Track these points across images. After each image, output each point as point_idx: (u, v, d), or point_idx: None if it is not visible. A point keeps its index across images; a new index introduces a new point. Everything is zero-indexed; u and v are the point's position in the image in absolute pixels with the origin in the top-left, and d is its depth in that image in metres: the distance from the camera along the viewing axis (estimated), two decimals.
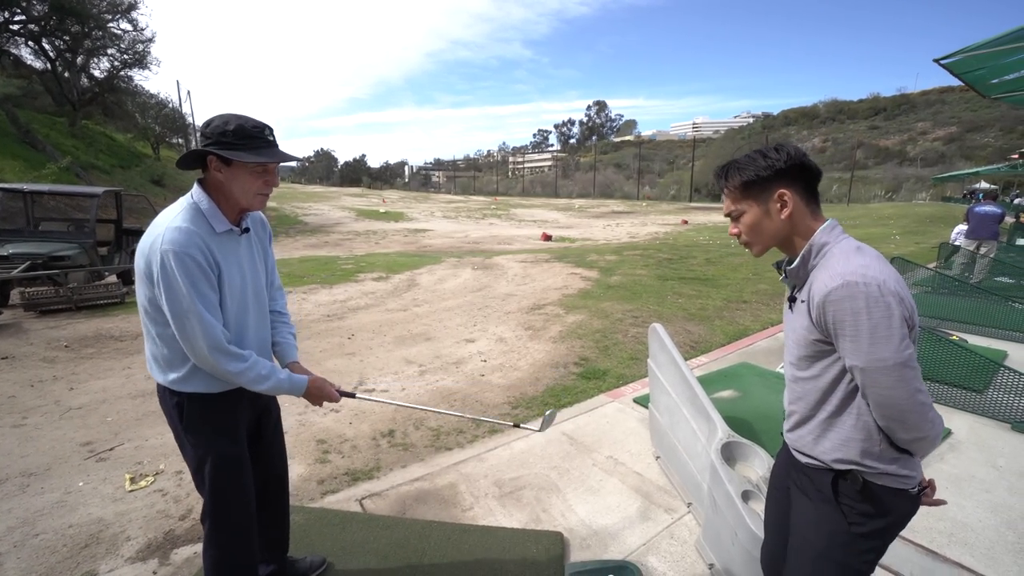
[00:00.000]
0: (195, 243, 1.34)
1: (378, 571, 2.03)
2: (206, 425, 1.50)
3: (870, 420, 1.11)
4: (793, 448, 1.28)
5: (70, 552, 2.18)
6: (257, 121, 1.42)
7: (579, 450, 3.00)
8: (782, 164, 1.16)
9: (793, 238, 1.20)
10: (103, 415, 3.49)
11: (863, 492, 1.13)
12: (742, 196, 1.22)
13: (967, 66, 9.02)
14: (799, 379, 1.22)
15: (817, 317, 1.09)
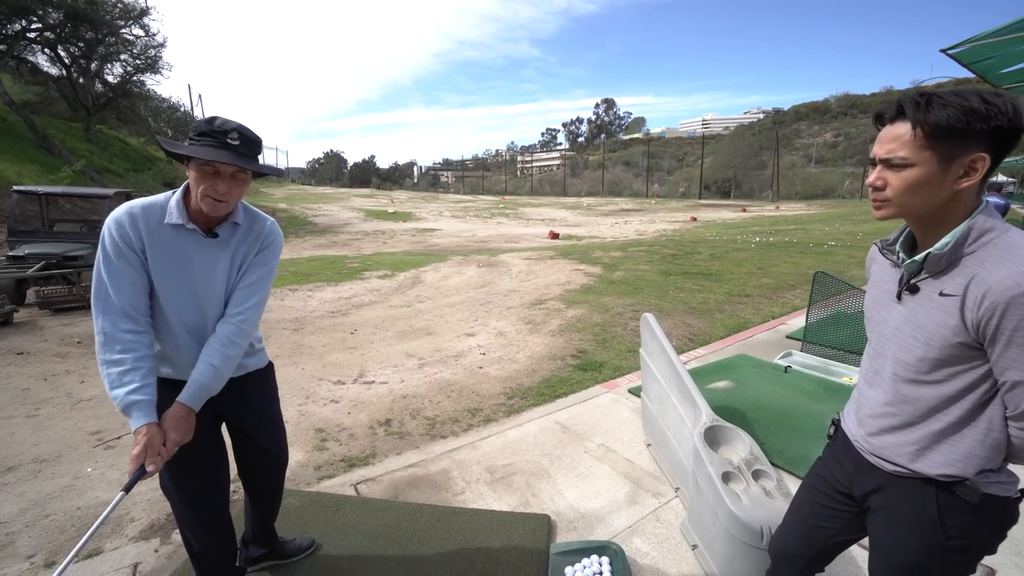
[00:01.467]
0: (127, 220, 1.37)
1: (368, 551, 2.09)
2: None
3: (1001, 436, 0.98)
4: (875, 455, 1.13)
5: (77, 531, 2.28)
6: (230, 122, 1.39)
7: (571, 438, 3.05)
8: (1003, 121, 0.89)
9: (946, 215, 0.98)
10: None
11: (981, 507, 1.00)
12: (925, 143, 0.94)
13: (975, 56, 8.88)
14: (910, 382, 1.05)
15: (981, 316, 0.91)
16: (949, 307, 0.96)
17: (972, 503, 1.01)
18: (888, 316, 1.10)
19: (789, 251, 11.18)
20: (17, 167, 15.85)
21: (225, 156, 1.34)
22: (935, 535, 1.04)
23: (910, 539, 1.08)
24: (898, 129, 0.98)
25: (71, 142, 22.28)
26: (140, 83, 27.24)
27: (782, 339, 4.99)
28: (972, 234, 0.95)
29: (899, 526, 1.10)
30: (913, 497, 1.07)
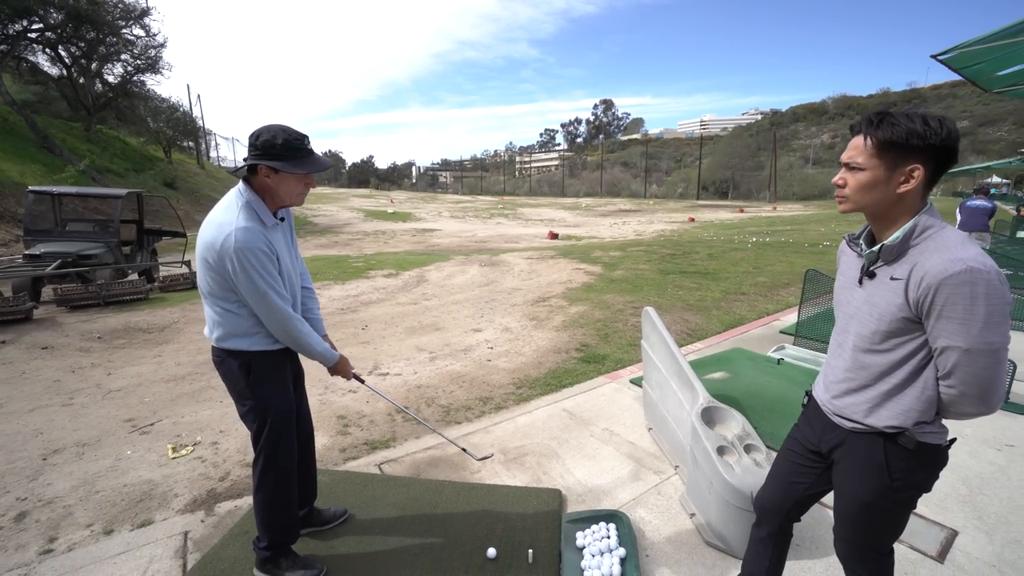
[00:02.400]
0: (260, 238, 1.63)
1: (396, 521, 2.30)
2: (267, 378, 1.79)
3: (933, 394, 1.19)
4: (836, 414, 1.34)
5: (128, 505, 2.48)
6: (299, 133, 1.67)
7: (578, 423, 3.26)
8: (936, 141, 1.11)
9: (894, 212, 1.19)
10: (140, 396, 3.81)
11: (916, 452, 1.22)
12: (876, 153, 1.16)
13: (966, 61, 9.14)
14: (866, 351, 1.25)
15: (919, 295, 1.11)
16: (897, 289, 1.17)
17: (910, 449, 1.23)
18: (852, 298, 1.32)
19: (785, 251, 11.43)
20: (20, 167, 15.99)
21: (322, 165, 1.75)
22: (883, 478, 1.26)
23: (864, 483, 1.30)
24: (859, 140, 1.20)
25: (71, 142, 22.37)
26: (140, 83, 27.32)
27: (776, 334, 5.21)
28: (916, 230, 1.17)
29: (855, 473, 1.32)
30: (866, 448, 1.29)
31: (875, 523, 1.33)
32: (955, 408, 1.19)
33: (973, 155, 46.75)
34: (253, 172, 1.68)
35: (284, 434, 1.85)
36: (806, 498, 1.53)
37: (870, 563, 1.39)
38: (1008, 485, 2.53)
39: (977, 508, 2.36)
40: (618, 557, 2.01)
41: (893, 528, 1.35)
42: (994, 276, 1.07)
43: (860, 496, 1.31)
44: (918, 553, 2.09)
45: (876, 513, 1.32)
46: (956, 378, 1.14)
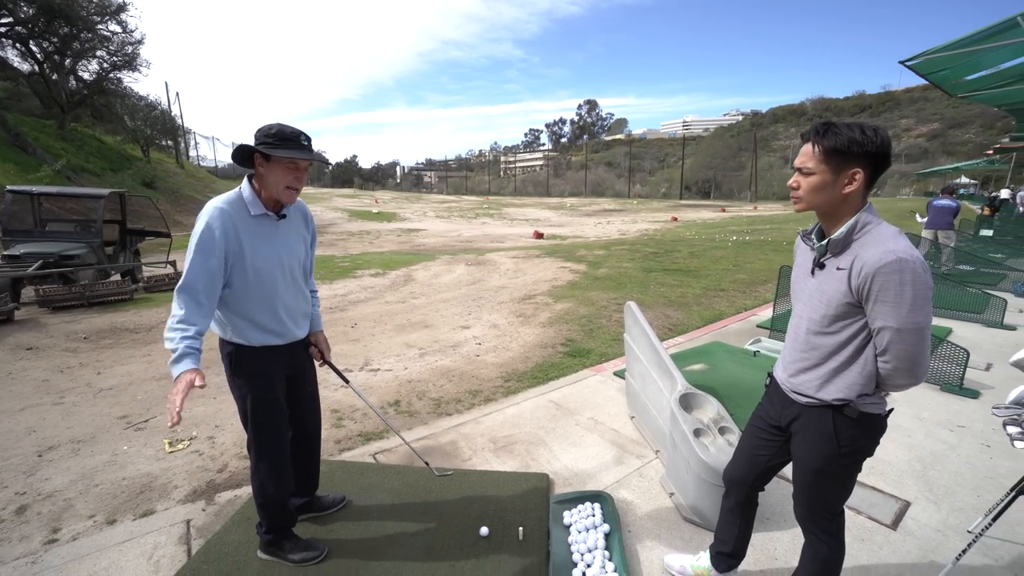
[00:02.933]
0: (220, 218, 1.68)
1: (392, 505, 2.41)
2: (246, 371, 1.85)
3: (873, 369, 1.35)
4: (792, 391, 1.51)
5: (128, 496, 2.55)
6: (296, 129, 1.75)
7: (564, 413, 3.41)
8: (872, 148, 1.27)
9: (840, 211, 1.35)
10: (132, 394, 3.84)
11: (857, 421, 1.38)
12: (823, 158, 1.32)
13: (932, 67, 9.55)
14: (817, 333, 1.41)
15: (859, 283, 1.27)
16: (842, 277, 1.34)
17: (854, 419, 1.39)
18: (805, 287, 1.48)
19: (764, 249, 11.76)
20: None
21: (309, 155, 1.76)
22: (832, 445, 1.43)
23: (816, 451, 1.46)
24: (809, 147, 1.37)
25: (45, 140, 21.80)
26: (117, 80, 26.73)
27: (753, 328, 5.43)
28: (857, 225, 1.34)
29: (809, 442, 1.49)
30: (818, 420, 1.45)
31: (826, 486, 1.50)
32: (891, 381, 1.35)
33: (943, 156, 48.31)
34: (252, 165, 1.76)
35: (265, 424, 1.90)
36: (768, 469, 1.69)
37: (824, 523, 1.55)
38: (957, 461, 2.75)
39: (929, 482, 2.56)
40: (602, 533, 2.16)
41: (842, 490, 1.51)
42: (919, 265, 1.23)
43: (813, 462, 1.48)
44: (875, 522, 2.27)
45: (827, 478, 1.48)
46: (890, 354, 1.31)
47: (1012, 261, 9.20)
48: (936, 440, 2.99)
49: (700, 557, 1.96)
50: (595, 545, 2.08)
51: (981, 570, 1.99)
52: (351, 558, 2.06)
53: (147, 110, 31.42)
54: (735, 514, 1.80)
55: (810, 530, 1.59)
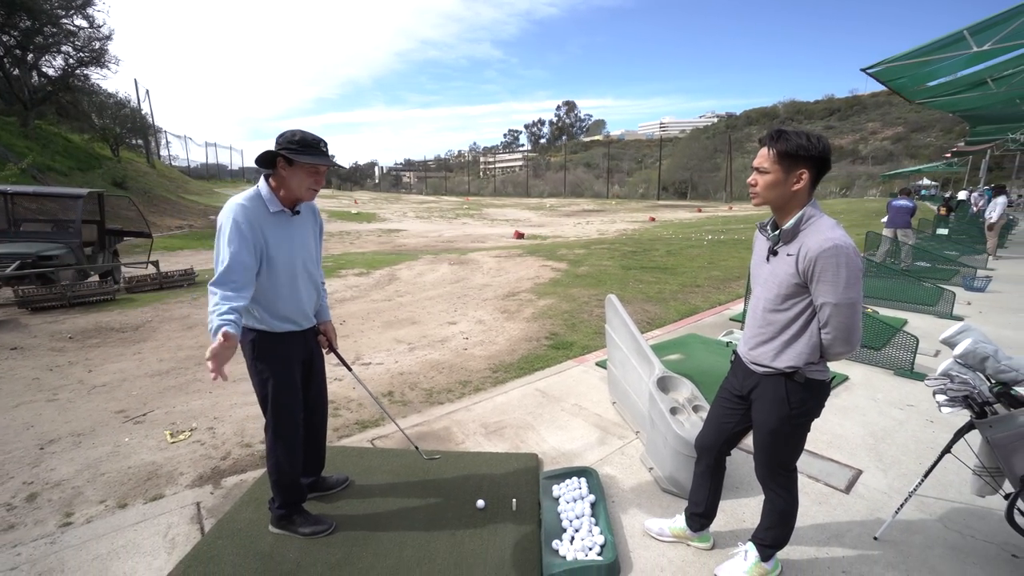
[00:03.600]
0: (247, 215, 1.84)
1: (392, 485, 2.58)
2: (269, 356, 2.01)
3: (817, 340, 1.59)
4: (752, 362, 1.74)
5: (136, 483, 2.65)
6: (316, 136, 1.92)
7: (549, 400, 3.61)
8: (816, 153, 1.52)
9: (790, 205, 1.59)
10: (127, 390, 3.90)
11: (805, 385, 1.63)
12: (776, 160, 1.56)
13: (891, 74, 10.09)
14: (771, 311, 1.65)
15: (804, 266, 1.51)
16: (791, 262, 1.57)
17: (802, 384, 1.64)
18: (762, 272, 1.73)
19: (738, 247, 12.20)
20: None
21: (330, 161, 1.98)
22: (784, 408, 1.67)
23: (772, 413, 1.71)
24: (765, 150, 1.61)
25: (6, 138, 21.02)
26: (84, 77, 25.94)
27: (726, 321, 5.73)
28: (803, 218, 1.58)
29: (766, 406, 1.73)
30: (773, 386, 1.70)
31: (780, 445, 1.74)
32: (832, 349, 1.60)
33: (907, 159, 50.28)
34: (275, 167, 1.92)
35: (283, 405, 2.06)
36: (733, 435, 1.93)
37: (780, 479, 1.80)
38: (904, 435, 3.05)
39: (879, 453, 2.85)
40: (589, 503, 2.37)
41: (793, 449, 1.76)
42: (851, 251, 1.48)
43: (770, 423, 1.72)
44: (831, 488, 2.54)
45: (781, 437, 1.72)
46: (831, 326, 1.55)
47: (965, 258, 9.80)
48: (887, 417, 3.29)
49: (676, 519, 2.19)
50: (582, 513, 2.29)
51: (916, 523, 2.27)
52: (358, 530, 2.22)
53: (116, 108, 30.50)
54: (706, 478, 2.03)
55: (768, 487, 1.83)
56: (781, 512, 1.82)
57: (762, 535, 1.89)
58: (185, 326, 5.68)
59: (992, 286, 7.33)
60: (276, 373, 2.03)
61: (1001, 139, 19.80)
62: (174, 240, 15.48)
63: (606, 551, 2.06)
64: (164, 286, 7.92)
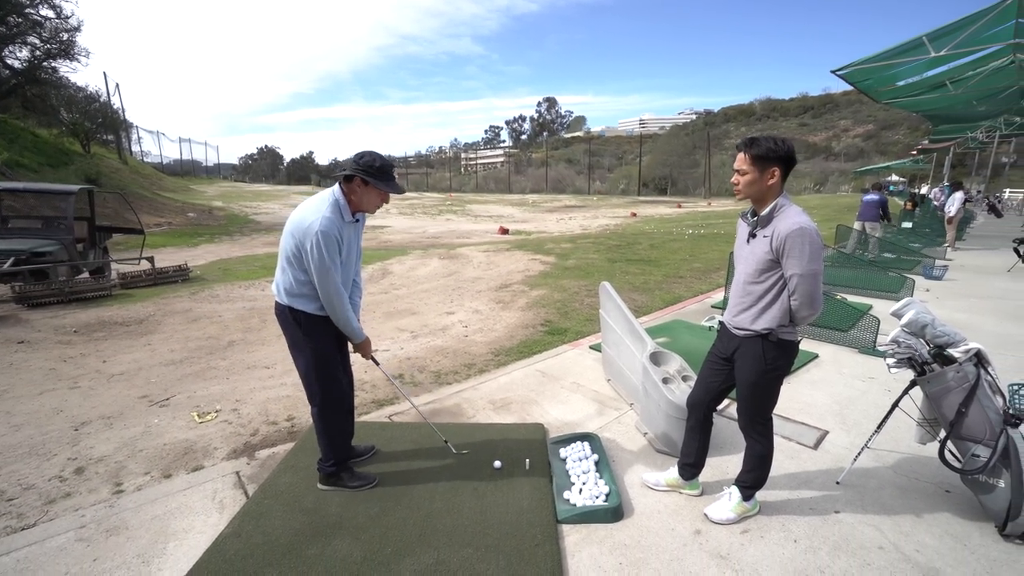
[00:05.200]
0: (335, 228, 2.14)
1: (415, 451, 2.85)
2: (316, 332, 2.29)
3: (787, 306, 1.93)
4: (735, 328, 2.08)
5: (175, 457, 2.87)
6: (390, 162, 2.25)
7: (549, 380, 3.92)
8: (783, 153, 1.88)
9: (766, 197, 1.94)
10: (146, 378, 4.08)
11: (777, 344, 1.98)
12: (751, 162, 1.90)
13: (859, 76, 10.65)
14: (750, 283, 1.99)
15: (777, 245, 1.86)
16: (767, 242, 1.93)
17: (775, 343, 2.00)
18: (743, 252, 2.08)
19: (717, 241, 12.70)
20: None
21: (400, 189, 2.34)
22: (761, 363, 2.03)
23: (751, 368, 2.06)
24: (742, 155, 1.97)
25: None
26: (52, 70, 25.18)
27: (708, 308, 6.12)
28: (776, 207, 1.94)
29: (747, 363, 2.07)
30: (751, 346, 2.05)
31: (759, 396, 2.09)
32: (799, 313, 1.95)
33: (877, 156, 52.07)
34: (349, 180, 2.20)
35: (329, 372, 2.36)
36: (719, 392, 2.27)
37: (758, 427, 2.14)
38: (865, 402, 3.45)
39: (843, 417, 3.24)
40: (593, 461, 2.68)
41: (770, 399, 2.12)
42: (814, 232, 1.85)
43: (750, 378, 2.06)
44: (801, 446, 2.91)
45: (759, 389, 2.07)
46: (797, 293, 1.90)
47: (927, 249, 10.45)
48: (852, 388, 3.69)
49: (670, 471, 2.53)
50: (588, 469, 2.60)
51: (872, 470, 2.64)
52: (393, 486, 2.50)
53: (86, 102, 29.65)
54: (696, 432, 2.37)
55: (749, 434, 2.17)
56: (760, 456, 2.17)
57: (744, 478, 2.24)
58: (189, 319, 5.82)
59: (949, 274, 7.91)
60: (324, 346, 2.32)
61: (961, 137, 20.84)
62: (155, 238, 15.29)
63: (611, 498, 2.37)
64: (159, 282, 7.98)
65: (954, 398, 2.18)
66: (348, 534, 2.18)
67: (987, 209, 21.19)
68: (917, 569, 1.98)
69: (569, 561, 2.05)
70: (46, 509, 2.40)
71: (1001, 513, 2.08)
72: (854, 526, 2.23)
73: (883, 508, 2.35)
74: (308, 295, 2.25)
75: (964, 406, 2.15)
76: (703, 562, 2.04)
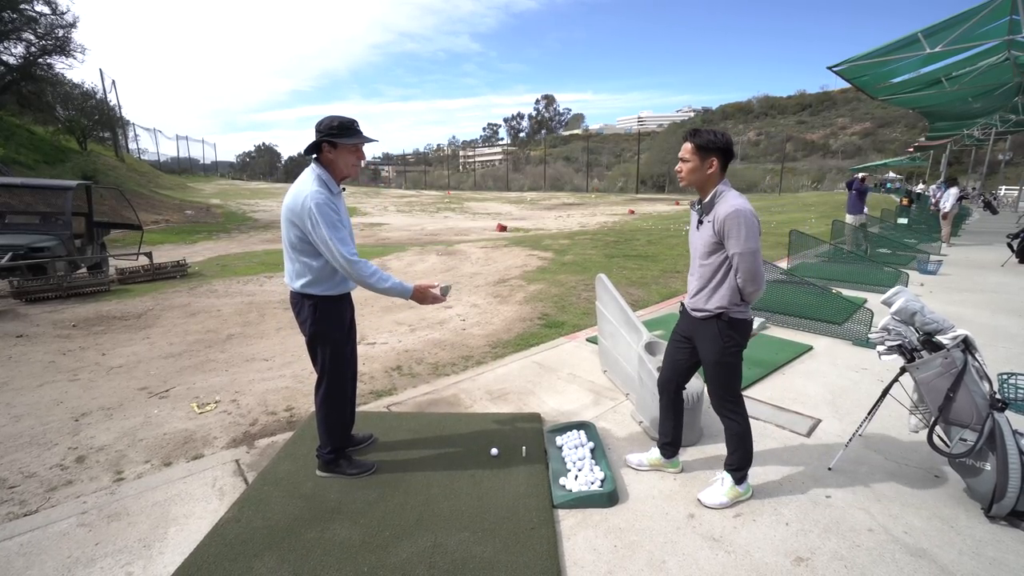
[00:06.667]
0: (326, 198, 2.14)
1: (413, 440, 2.88)
2: (329, 317, 2.31)
3: (735, 285, 2.07)
4: (692, 309, 2.23)
5: (175, 446, 2.90)
6: (350, 118, 2.23)
7: (546, 371, 3.96)
8: (721, 145, 2.06)
9: (707, 186, 2.10)
10: (145, 370, 4.10)
11: (729, 323, 2.11)
12: (694, 152, 2.08)
13: (855, 73, 10.69)
14: (702, 266, 2.14)
15: (718, 228, 2.01)
16: (710, 227, 2.06)
17: (728, 322, 2.12)
18: (694, 239, 2.22)
19: None
20: None
21: (367, 138, 2.26)
22: (718, 342, 2.15)
23: (711, 347, 2.18)
24: (687, 144, 2.11)
25: None
26: (47, 66, 25.04)
27: None
28: (717, 193, 2.07)
29: (706, 344, 2.19)
30: (708, 326, 2.17)
31: (723, 373, 2.20)
32: (746, 289, 2.08)
33: (874, 153, 52.22)
34: (319, 151, 2.20)
35: (339, 360, 2.39)
36: (686, 370, 2.39)
37: (728, 404, 2.24)
38: (858, 392, 3.49)
39: (836, 406, 3.28)
40: (588, 449, 2.71)
41: (733, 376, 2.21)
42: (749, 213, 1.97)
43: (711, 356, 2.19)
44: (795, 434, 2.95)
45: (722, 366, 2.18)
46: (741, 271, 2.03)
47: (923, 245, 10.51)
48: (845, 379, 3.73)
49: (652, 451, 2.63)
50: (583, 456, 2.63)
51: (863, 456, 2.69)
52: (391, 473, 2.53)
53: (82, 99, 29.50)
54: (669, 411, 2.47)
55: (723, 414, 2.27)
56: (738, 435, 2.25)
57: (730, 460, 2.31)
58: (188, 313, 5.84)
59: (943, 269, 7.97)
60: (336, 332, 2.35)
61: (958, 135, 20.91)
62: (153, 235, 15.27)
63: (606, 483, 2.41)
64: (157, 277, 7.99)
65: (942, 383, 2.22)
66: (347, 519, 2.21)
67: (983, 206, 21.30)
68: (905, 550, 2.02)
69: (565, 544, 2.09)
70: (48, 496, 2.43)
71: (987, 495, 2.12)
72: (844, 510, 2.27)
73: (873, 492, 2.39)
74: (318, 279, 2.25)
75: (952, 391, 2.19)
76: (696, 544, 2.08)
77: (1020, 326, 5.02)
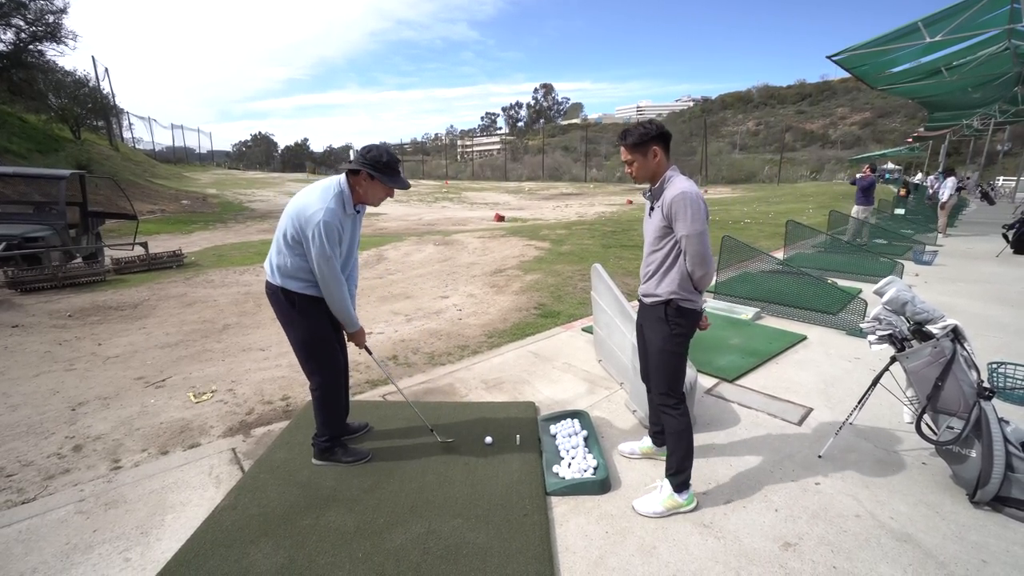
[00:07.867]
0: (337, 218, 2.17)
1: (408, 429, 2.90)
2: (312, 313, 2.32)
3: (684, 271, 2.06)
4: (643, 295, 2.23)
5: (171, 435, 2.91)
6: (396, 157, 2.29)
7: (541, 360, 3.98)
8: (655, 133, 2.05)
9: (656, 175, 2.10)
10: (141, 360, 4.11)
11: (677, 311, 2.10)
12: (632, 151, 2.08)
13: (855, 62, 10.62)
14: (652, 252, 2.15)
15: (666, 212, 2.01)
16: (660, 212, 2.05)
17: (676, 309, 2.10)
18: (647, 224, 2.21)
19: (712, 228, 12.71)
20: None
21: (405, 184, 2.34)
22: (665, 328, 2.13)
23: (658, 333, 2.16)
24: (623, 148, 2.12)
25: None
26: (38, 53, 24.69)
27: None
28: (665, 180, 2.06)
29: (654, 329, 2.19)
30: (656, 311, 2.16)
31: (666, 363, 2.17)
32: (695, 274, 2.05)
33: (874, 143, 52.02)
34: (355, 173, 2.23)
35: (325, 351, 2.41)
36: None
37: (669, 400, 2.19)
38: (850, 381, 3.52)
39: (828, 395, 3.31)
40: (582, 437, 2.74)
41: (678, 369, 2.17)
42: (695, 195, 1.97)
43: (656, 342, 2.19)
44: (786, 422, 2.98)
45: (666, 355, 2.16)
46: (689, 253, 2.02)
47: (919, 235, 10.54)
48: (837, 368, 3.77)
49: (644, 440, 2.66)
50: (577, 444, 2.66)
51: (853, 444, 2.72)
52: (386, 461, 2.55)
53: (75, 87, 29.13)
54: (654, 402, 2.46)
55: (662, 410, 2.22)
56: (676, 432, 2.17)
57: (668, 463, 2.22)
58: (184, 303, 5.84)
59: (938, 260, 7.99)
60: (319, 325, 2.35)
61: (957, 125, 20.85)
62: (149, 225, 15.19)
63: (599, 471, 2.44)
64: (152, 267, 7.96)
65: (931, 372, 2.24)
66: (342, 506, 2.24)
67: (980, 196, 21.31)
68: (891, 534, 2.06)
69: (557, 530, 2.12)
70: (45, 484, 2.45)
71: (972, 481, 2.16)
72: (833, 496, 2.31)
73: (861, 479, 2.43)
74: (303, 278, 2.28)
75: (941, 380, 2.21)
76: (686, 530, 2.11)
77: (1012, 316, 5.06)
